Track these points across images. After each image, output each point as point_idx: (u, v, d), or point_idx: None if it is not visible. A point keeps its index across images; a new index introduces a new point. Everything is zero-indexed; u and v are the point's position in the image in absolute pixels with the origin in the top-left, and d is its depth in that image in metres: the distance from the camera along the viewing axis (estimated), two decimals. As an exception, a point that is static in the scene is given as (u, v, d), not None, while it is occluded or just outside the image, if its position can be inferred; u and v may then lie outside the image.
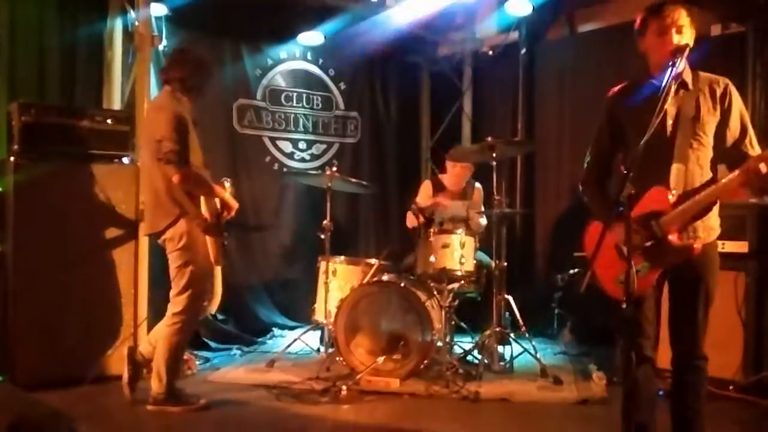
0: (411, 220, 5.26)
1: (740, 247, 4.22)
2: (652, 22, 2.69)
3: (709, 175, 2.72)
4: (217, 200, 3.85)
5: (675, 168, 2.65)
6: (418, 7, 6.22)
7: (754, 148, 2.70)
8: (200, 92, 3.95)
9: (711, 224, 2.73)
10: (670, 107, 2.68)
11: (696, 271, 2.70)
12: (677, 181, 2.65)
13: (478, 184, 5.64)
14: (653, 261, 2.63)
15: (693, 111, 2.68)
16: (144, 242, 4.49)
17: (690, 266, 2.68)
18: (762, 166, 2.46)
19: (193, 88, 3.89)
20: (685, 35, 2.65)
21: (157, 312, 4.54)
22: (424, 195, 5.61)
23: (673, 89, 2.66)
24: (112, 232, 4.44)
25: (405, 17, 6.33)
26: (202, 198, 3.77)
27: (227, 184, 4.06)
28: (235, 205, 3.92)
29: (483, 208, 5.38)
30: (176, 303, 3.80)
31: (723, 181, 2.61)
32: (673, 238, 2.62)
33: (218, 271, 3.96)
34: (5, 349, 4.14)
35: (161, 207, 3.78)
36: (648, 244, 2.62)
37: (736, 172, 2.53)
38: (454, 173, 5.54)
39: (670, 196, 2.62)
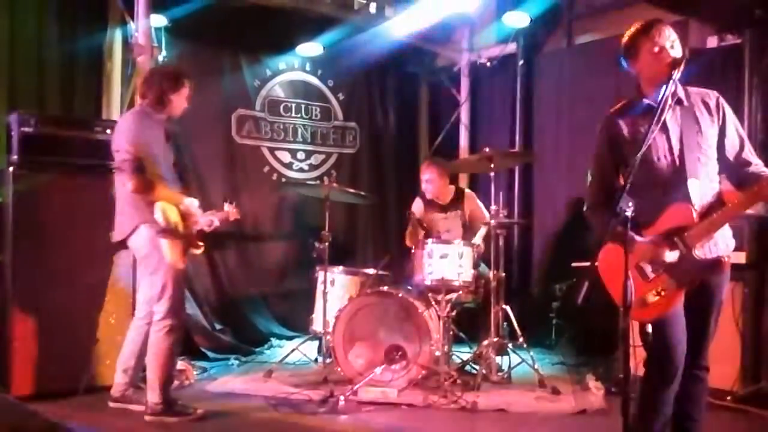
0: (412, 239, 5.22)
1: (738, 257, 4.22)
2: (644, 42, 2.71)
3: (718, 187, 2.73)
4: (182, 208, 3.89)
5: (691, 183, 2.65)
6: (416, 19, 6.26)
7: (754, 156, 2.74)
8: (170, 105, 3.96)
9: (728, 234, 2.75)
10: (672, 125, 2.70)
11: (712, 284, 2.70)
12: (696, 195, 2.65)
13: (468, 191, 5.61)
14: (678, 278, 2.61)
15: (694, 125, 2.70)
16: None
17: (708, 279, 2.68)
18: None
19: (161, 101, 3.93)
20: (677, 49, 2.68)
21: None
22: (417, 212, 5.61)
23: (670, 105, 2.68)
24: (110, 243, 4.43)
25: (403, 28, 6.37)
26: (157, 204, 3.78)
27: (226, 206, 4.24)
28: (194, 213, 3.95)
29: (486, 212, 5.33)
30: (157, 311, 3.84)
31: (752, 191, 2.59)
32: (699, 252, 2.62)
33: None
34: (3, 359, 4.13)
35: (124, 215, 3.87)
36: (673, 259, 2.60)
37: (760, 184, 2.56)
38: (423, 180, 5.48)
39: (693, 211, 2.62)
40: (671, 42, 2.68)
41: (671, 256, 2.61)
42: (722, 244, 2.70)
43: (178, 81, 3.97)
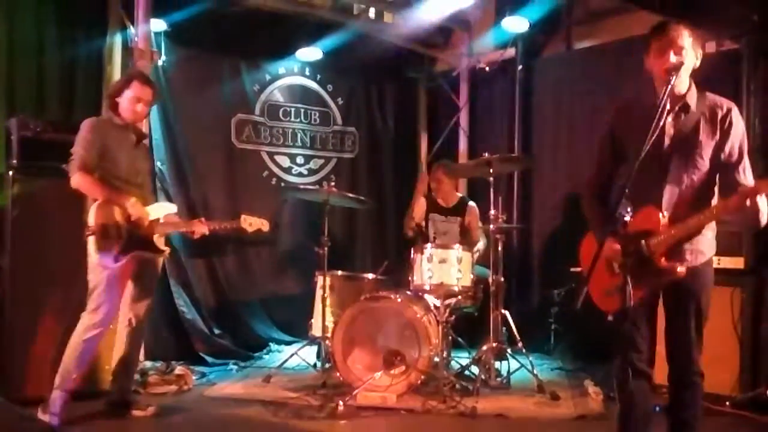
0: (409, 227, 5.29)
1: (736, 263, 4.24)
2: (654, 41, 2.71)
3: (702, 198, 2.70)
4: (129, 210, 3.88)
5: (668, 189, 2.67)
6: (415, 24, 6.28)
7: (746, 178, 2.68)
8: (119, 109, 3.98)
9: (700, 248, 2.72)
10: (669, 128, 2.70)
11: (687, 289, 2.70)
12: (669, 203, 2.66)
13: (471, 203, 5.65)
14: (639, 278, 2.60)
15: (691, 134, 2.69)
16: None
17: (682, 285, 2.68)
18: (748, 202, 2.44)
19: (113, 107, 4.01)
20: (683, 55, 2.65)
21: (152, 324, 4.55)
22: (419, 212, 5.64)
23: (672, 109, 2.68)
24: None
25: (403, 33, 6.38)
26: (94, 206, 3.82)
27: (246, 219, 4.27)
28: (142, 215, 3.91)
29: (481, 227, 5.40)
30: (87, 307, 3.84)
31: (715, 207, 2.61)
32: (660, 259, 2.62)
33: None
34: (2, 362, 4.13)
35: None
36: (633, 261, 2.59)
37: (730, 199, 2.51)
38: (435, 179, 5.57)
39: (661, 217, 2.63)
40: (678, 47, 2.65)
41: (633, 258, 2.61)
42: (689, 255, 2.69)
43: (123, 84, 4.03)
